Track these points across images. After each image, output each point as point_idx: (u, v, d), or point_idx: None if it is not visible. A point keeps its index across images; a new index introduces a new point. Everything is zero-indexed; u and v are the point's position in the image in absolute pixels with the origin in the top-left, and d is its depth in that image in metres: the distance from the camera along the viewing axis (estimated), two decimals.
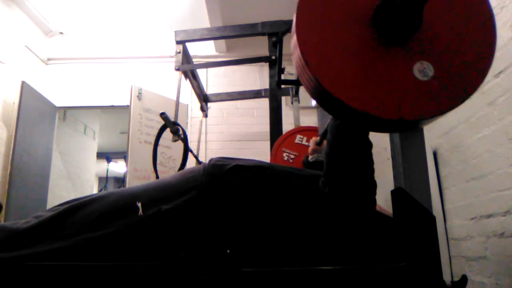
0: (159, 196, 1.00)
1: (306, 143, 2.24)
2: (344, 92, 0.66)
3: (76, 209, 0.98)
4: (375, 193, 1.01)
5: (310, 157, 1.70)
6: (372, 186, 0.99)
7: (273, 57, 2.62)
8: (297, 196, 1.01)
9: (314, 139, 1.72)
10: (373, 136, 0.96)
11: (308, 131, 2.38)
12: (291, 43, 0.74)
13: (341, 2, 0.73)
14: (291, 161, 2.27)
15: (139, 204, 0.97)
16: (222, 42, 4.42)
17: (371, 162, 0.99)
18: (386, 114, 0.66)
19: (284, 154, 2.30)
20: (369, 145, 0.99)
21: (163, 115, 1.91)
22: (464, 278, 0.84)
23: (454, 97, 0.68)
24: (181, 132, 1.99)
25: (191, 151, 2.02)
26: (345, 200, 0.95)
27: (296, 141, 2.37)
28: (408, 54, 0.70)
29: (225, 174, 1.02)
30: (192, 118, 4.42)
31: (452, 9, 0.74)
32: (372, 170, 1.00)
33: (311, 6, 0.72)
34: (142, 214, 0.96)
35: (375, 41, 0.70)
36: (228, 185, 1.01)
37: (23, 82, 3.98)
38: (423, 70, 0.69)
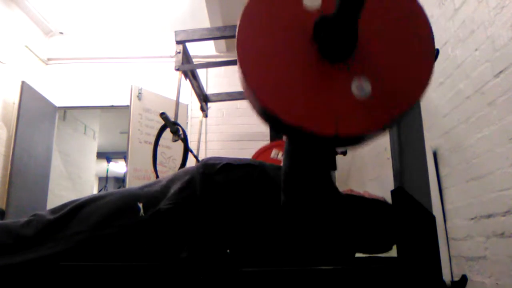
0: (158, 197, 1.01)
1: (281, 158, 2.25)
2: (279, 106, 0.65)
3: (77, 210, 0.99)
4: (332, 199, 0.98)
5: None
6: (327, 195, 0.96)
7: None
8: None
9: None
10: None
11: (283, 146, 2.38)
12: None
13: (284, 15, 0.72)
14: None
15: (140, 205, 0.98)
16: (222, 42, 4.42)
17: (326, 175, 0.95)
18: (322, 131, 0.65)
19: None
20: (323, 155, 0.94)
21: (163, 115, 1.91)
22: (464, 278, 0.84)
23: (392, 111, 0.68)
24: (181, 132, 1.99)
25: (191, 151, 2.02)
26: (298, 209, 0.94)
27: (272, 156, 2.36)
28: (347, 71, 0.69)
29: (216, 173, 1.03)
30: (192, 118, 4.42)
31: (389, 26, 0.73)
32: (327, 181, 0.96)
33: (253, 16, 0.72)
34: (143, 214, 0.97)
35: (314, 57, 0.70)
36: (219, 184, 1.02)
37: (23, 82, 3.99)
38: (360, 87, 0.68)
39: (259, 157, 2.35)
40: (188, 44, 2.86)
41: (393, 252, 0.97)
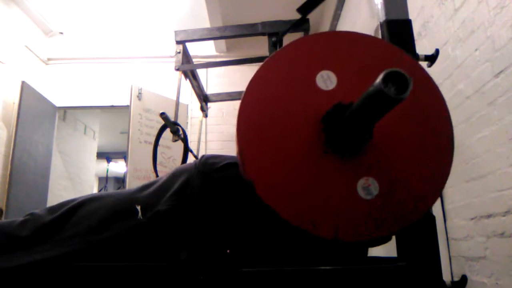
0: (155, 198, 1.00)
1: None
2: (277, 201, 0.60)
3: (74, 211, 0.98)
4: None
5: None
6: None
7: None
8: None
9: None
10: None
11: None
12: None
13: (289, 108, 0.64)
14: None
15: (138, 207, 0.97)
16: (222, 42, 4.42)
17: None
18: (320, 234, 0.60)
19: None
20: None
21: (163, 115, 1.91)
22: (464, 278, 0.84)
23: (396, 221, 0.62)
24: (181, 132, 1.99)
25: (191, 151, 2.02)
26: None
27: None
28: (354, 168, 0.62)
29: (215, 172, 1.01)
30: (192, 118, 4.42)
31: (406, 126, 0.66)
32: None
33: (252, 104, 0.65)
34: (141, 217, 0.96)
35: (319, 150, 0.63)
36: (218, 182, 1.00)
37: (23, 82, 3.98)
38: (367, 187, 0.62)
39: None
40: (188, 44, 2.86)
41: (393, 252, 0.97)
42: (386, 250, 1.14)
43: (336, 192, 0.61)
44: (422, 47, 2.03)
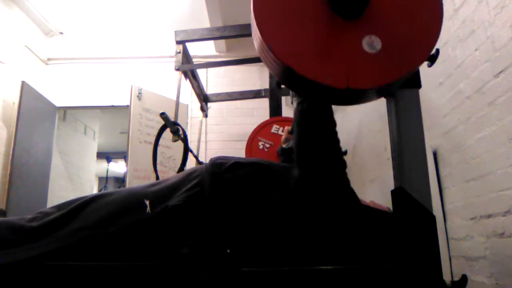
0: (165, 194, 1.02)
1: (282, 133, 2.27)
2: (296, 61, 0.70)
3: (84, 207, 0.99)
4: (344, 171, 1.04)
5: (284, 145, 1.78)
6: (340, 163, 1.03)
7: None
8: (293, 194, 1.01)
9: (287, 128, 1.80)
10: (373, 137, 0.97)
11: (284, 121, 2.41)
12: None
13: None
14: (266, 150, 2.32)
15: (147, 202, 0.99)
16: (222, 42, 4.41)
17: (336, 142, 1.03)
18: (334, 83, 0.69)
19: (260, 143, 2.34)
20: (333, 125, 1.02)
21: (163, 115, 1.91)
22: (464, 278, 0.84)
23: (400, 68, 0.72)
24: (181, 132, 1.98)
25: (191, 151, 2.02)
26: (316, 180, 0.97)
27: (272, 130, 2.40)
28: (358, 28, 0.73)
29: (224, 172, 1.04)
30: (192, 118, 4.42)
31: None
32: (338, 149, 1.03)
33: None
34: (150, 211, 0.97)
35: (328, 15, 0.73)
36: (228, 182, 1.02)
37: (23, 82, 3.98)
38: (371, 43, 0.72)
39: (259, 133, 2.39)
40: (188, 44, 2.86)
41: None
42: None
43: (345, 50, 0.71)
44: None
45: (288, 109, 3.72)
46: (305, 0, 0.74)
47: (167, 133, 1.99)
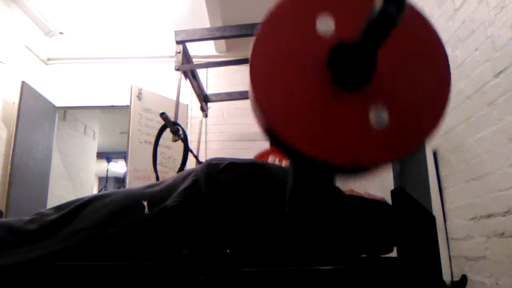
0: (162, 195, 1.02)
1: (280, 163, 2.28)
2: (294, 135, 0.63)
3: (82, 208, 0.99)
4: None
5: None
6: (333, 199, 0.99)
7: None
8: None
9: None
10: None
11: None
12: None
13: (296, 45, 0.70)
14: None
15: (145, 203, 0.99)
16: (222, 42, 4.42)
17: (330, 205, 0.97)
18: (341, 161, 0.64)
19: None
20: (330, 190, 0.96)
21: (163, 115, 1.91)
22: (464, 278, 0.84)
23: (411, 142, 0.67)
24: (181, 132, 1.99)
25: (191, 151, 2.02)
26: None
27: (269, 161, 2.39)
28: (363, 99, 0.67)
29: (220, 172, 1.04)
30: (192, 118, 4.42)
31: (406, 53, 0.73)
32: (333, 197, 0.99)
33: (266, 42, 0.70)
34: (148, 212, 0.97)
35: (329, 85, 0.67)
36: (223, 183, 1.03)
37: (23, 82, 3.99)
38: (378, 115, 0.67)
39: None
40: (188, 44, 2.86)
41: (393, 252, 0.97)
42: None
43: (350, 123, 0.66)
44: None
45: None
46: (305, 69, 0.68)
47: (167, 133, 1.99)
